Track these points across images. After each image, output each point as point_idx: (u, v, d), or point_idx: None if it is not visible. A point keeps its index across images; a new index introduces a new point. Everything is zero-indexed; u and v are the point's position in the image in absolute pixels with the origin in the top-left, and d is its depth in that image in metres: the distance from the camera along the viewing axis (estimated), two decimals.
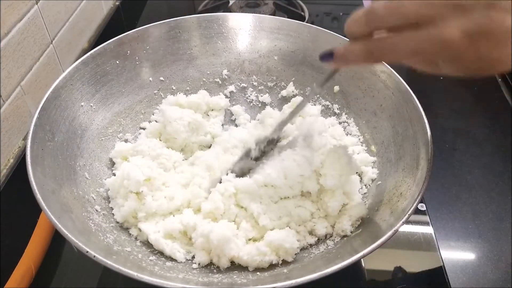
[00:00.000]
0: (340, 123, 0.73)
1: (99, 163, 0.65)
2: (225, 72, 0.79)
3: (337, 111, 0.74)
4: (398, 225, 0.47)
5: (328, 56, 0.44)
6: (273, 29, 0.78)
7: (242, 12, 1.06)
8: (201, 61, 0.79)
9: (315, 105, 0.76)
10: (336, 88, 0.73)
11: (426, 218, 0.68)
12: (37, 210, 0.48)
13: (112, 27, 1.09)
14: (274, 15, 1.06)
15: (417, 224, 0.67)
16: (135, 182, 0.59)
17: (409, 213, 0.48)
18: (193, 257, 0.56)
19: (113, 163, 0.67)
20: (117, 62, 0.72)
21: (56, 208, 0.50)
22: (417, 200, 0.50)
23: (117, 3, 1.17)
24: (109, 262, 0.44)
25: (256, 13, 0.88)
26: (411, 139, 0.60)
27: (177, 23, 0.77)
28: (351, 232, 0.57)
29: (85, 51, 0.98)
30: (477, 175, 0.77)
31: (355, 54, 0.42)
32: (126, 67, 0.73)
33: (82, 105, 0.66)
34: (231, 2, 1.09)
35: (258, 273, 0.54)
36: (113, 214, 0.60)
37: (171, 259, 0.56)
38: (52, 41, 0.85)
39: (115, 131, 0.70)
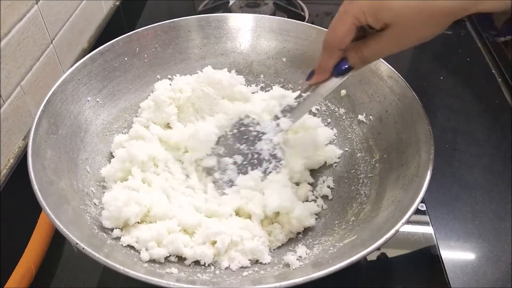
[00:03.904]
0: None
1: (101, 157, 0.65)
2: (233, 72, 0.79)
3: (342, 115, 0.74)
4: (398, 225, 0.47)
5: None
6: (282, 31, 0.77)
7: (242, 12, 1.05)
8: (210, 61, 0.78)
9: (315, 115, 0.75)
10: (343, 92, 0.73)
11: (426, 218, 0.68)
12: (37, 210, 0.48)
13: (112, 27, 1.09)
14: (274, 15, 1.06)
15: (417, 224, 0.67)
16: (130, 160, 0.61)
17: (409, 214, 0.48)
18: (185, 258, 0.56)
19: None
20: (126, 59, 0.72)
21: (53, 200, 0.50)
22: (417, 201, 0.50)
23: (117, 3, 1.17)
24: (97, 255, 0.44)
25: (256, 13, 0.88)
26: (413, 146, 0.59)
27: (187, 22, 0.77)
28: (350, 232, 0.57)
29: (85, 51, 0.98)
30: (477, 175, 0.77)
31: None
32: (134, 64, 0.73)
33: (88, 100, 0.67)
34: (231, 2, 1.09)
35: (256, 268, 0.54)
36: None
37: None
38: (52, 41, 0.85)
39: (120, 126, 0.71)
